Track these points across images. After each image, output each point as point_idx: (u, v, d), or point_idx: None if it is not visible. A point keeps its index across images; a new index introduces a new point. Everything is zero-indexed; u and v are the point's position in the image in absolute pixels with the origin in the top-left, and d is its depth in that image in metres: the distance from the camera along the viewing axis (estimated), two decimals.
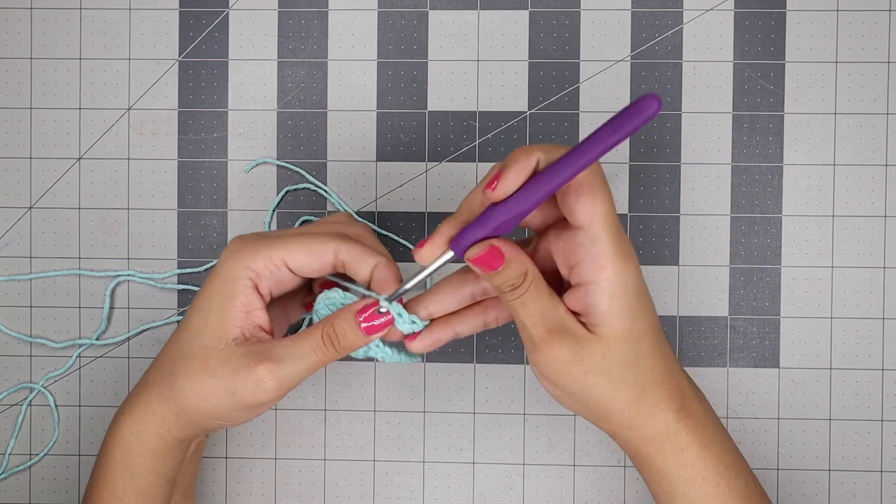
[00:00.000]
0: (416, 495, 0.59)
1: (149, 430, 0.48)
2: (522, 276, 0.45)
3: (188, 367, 0.47)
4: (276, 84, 0.60)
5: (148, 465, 0.49)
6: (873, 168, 0.58)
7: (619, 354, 0.45)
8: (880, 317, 0.58)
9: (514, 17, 0.59)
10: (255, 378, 0.46)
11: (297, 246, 0.47)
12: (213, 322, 0.47)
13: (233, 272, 0.47)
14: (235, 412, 0.47)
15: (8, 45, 0.60)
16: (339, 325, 0.47)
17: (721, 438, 0.48)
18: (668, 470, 0.47)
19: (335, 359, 0.47)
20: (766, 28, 0.59)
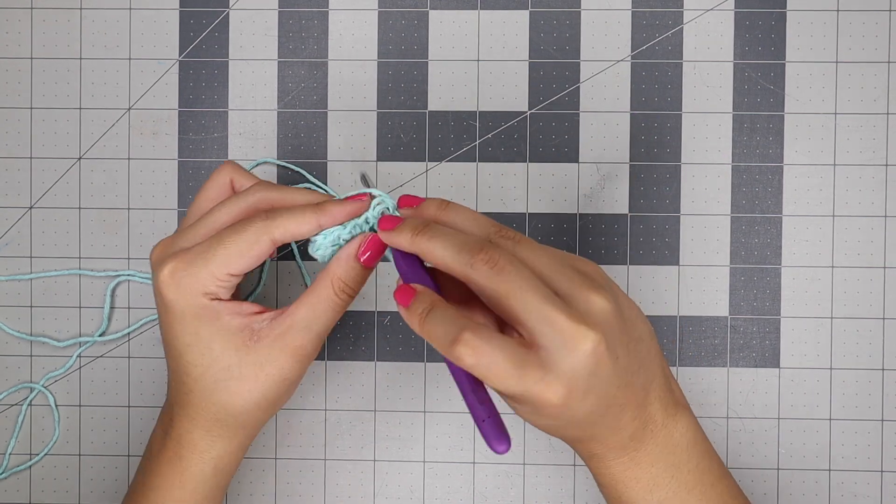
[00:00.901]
0: (416, 495, 0.59)
1: (219, 451, 0.49)
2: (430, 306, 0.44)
3: (230, 391, 0.47)
4: (276, 84, 0.60)
5: (221, 485, 0.50)
6: (873, 168, 0.58)
7: (566, 409, 0.42)
8: (880, 317, 0.58)
9: (515, 17, 0.59)
10: (294, 354, 0.47)
11: (234, 255, 0.46)
12: (219, 345, 0.47)
13: (193, 303, 0.46)
14: (291, 389, 0.49)
15: (8, 45, 0.60)
16: (344, 274, 0.47)
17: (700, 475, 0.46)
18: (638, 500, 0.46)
19: (353, 299, 0.48)
20: (766, 28, 0.59)
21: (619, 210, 0.59)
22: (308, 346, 0.47)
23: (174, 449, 0.49)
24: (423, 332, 0.43)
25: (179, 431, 0.49)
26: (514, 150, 0.59)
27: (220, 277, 0.46)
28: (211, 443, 0.49)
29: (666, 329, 0.59)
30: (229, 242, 0.46)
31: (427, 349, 0.59)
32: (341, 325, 0.59)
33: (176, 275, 0.46)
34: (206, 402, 0.48)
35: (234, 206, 0.48)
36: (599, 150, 0.59)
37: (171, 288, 0.46)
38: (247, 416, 0.48)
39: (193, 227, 0.48)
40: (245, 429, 0.49)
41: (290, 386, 0.49)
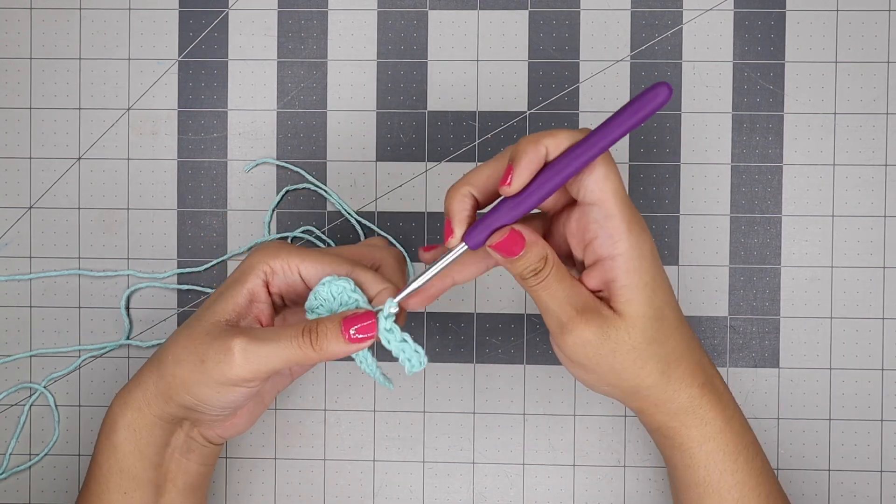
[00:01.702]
0: (416, 495, 0.59)
1: (131, 402, 0.49)
2: (543, 260, 0.46)
3: (178, 336, 0.48)
4: (275, 84, 0.60)
5: (129, 442, 0.49)
6: (873, 168, 0.58)
7: (641, 331, 0.45)
8: (880, 317, 0.58)
9: (514, 17, 0.59)
10: (225, 347, 0.46)
11: (314, 258, 0.48)
12: (218, 302, 0.48)
13: (250, 263, 0.48)
14: (205, 385, 0.47)
15: (8, 45, 0.60)
16: (322, 324, 0.46)
17: (741, 417, 0.50)
18: (690, 444, 0.48)
19: (312, 360, 0.46)
20: (765, 28, 0.59)
21: None
22: (239, 353, 0.46)
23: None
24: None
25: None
26: None
27: (290, 264, 0.48)
28: (131, 387, 0.49)
29: None
30: (319, 252, 0.48)
31: (427, 349, 0.59)
32: None
33: (270, 244, 0.49)
34: (168, 340, 0.49)
35: (358, 249, 0.51)
36: None
37: (257, 250, 0.49)
38: (164, 369, 0.48)
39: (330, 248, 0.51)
40: (158, 391, 0.48)
41: (204, 376, 0.46)
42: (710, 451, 0.48)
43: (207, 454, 0.52)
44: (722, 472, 0.48)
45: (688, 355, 0.48)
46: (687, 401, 0.48)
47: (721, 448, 0.48)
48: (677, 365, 0.47)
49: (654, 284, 0.46)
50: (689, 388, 0.48)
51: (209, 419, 0.50)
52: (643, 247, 0.45)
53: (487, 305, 0.59)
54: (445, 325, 0.59)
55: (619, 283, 0.45)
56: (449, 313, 0.59)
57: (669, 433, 0.48)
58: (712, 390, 0.48)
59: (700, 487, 0.49)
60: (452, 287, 0.49)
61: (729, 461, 0.48)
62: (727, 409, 0.49)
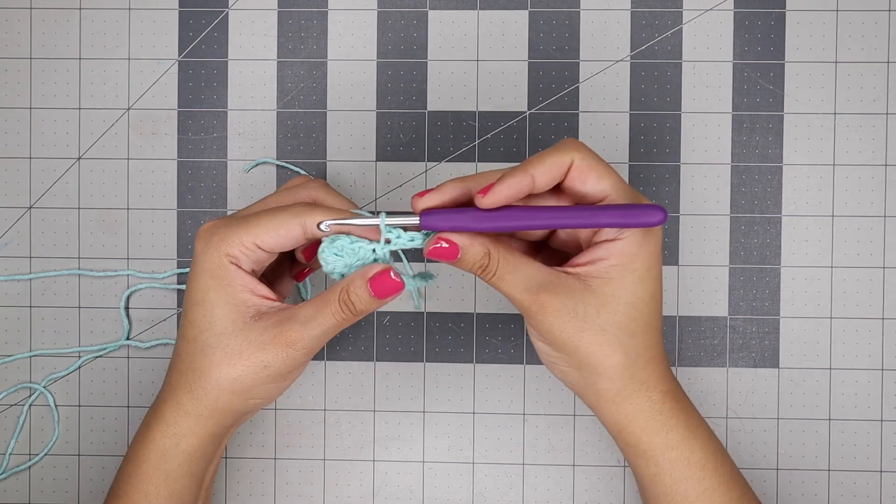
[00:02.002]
0: (416, 495, 0.59)
1: (184, 430, 0.49)
2: (486, 256, 0.46)
3: (211, 359, 0.48)
4: (275, 84, 0.60)
5: (183, 467, 0.49)
6: (873, 168, 0.58)
7: (613, 312, 0.45)
8: (880, 317, 0.58)
9: (514, 17, 0.59)
10: (284, 345, 0.47)
11: (264, 228, 0.47)
12: (221, 311, 0.48)
13: (214, 261, 0.48)
14: (270, 385, 0.48)
15: (8, 45, 0.60)
16: (353, 291, 0.47)
17: (706, 427, 0.49)
18: (654, 452, 0.48)
19: (355, 321, 0.48)
20: (765, 28, 0.59)
21: None
22: (298, 343, 0.47)
23: (147, 420, 0.50)
24: None
25: (158, 402, 0.50)
26: (514, 150, 0.59)
27: (246, 245, 0.47)
28: (178, 417, 0.49)
29: (665, 329, 0.59)
30: (264, 217, 0.48)
31: (427, 349, 0.59)
32: None
33: (210, 231, 0.48)
34: (188, 369, 0.48)
35: (284, 195, 0.51)
36: (599, 150, 0.59)
37: (201, 242, 0.48)
38: (218, 394, 0.48)
39: (245, 209, 0.51)
40: (214, 412, 0.48)
41: (269, 379, 0.48)
42: (674, 460, 0.47)
43: (225, 442, 0.53)
44: (688, 479, 0.48)
45: (656, 361, 0.47)
46: (647, 404, 0.47)
47: (686, 457, 0.47)
48: (644, 366, 0.47)
49: (644, 277, 0.45)
50: (650, 392, 0.47)
51: (259, 410, 0.51)
52: (650, 242, 0.45)
53: (487, 305, 0.59)
54: (445, 325, 0.59)
55: (608, 263, 0.45)
56: (449, 313, 0.59)
57: (632, 440, 0.48)
58: (675, 398, 0.48)
59: (668, 497, 0.48)
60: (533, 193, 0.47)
61: (695, 469, 0.48)
62: (691, 418, 0.48)
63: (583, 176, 0.45)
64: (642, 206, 0.44)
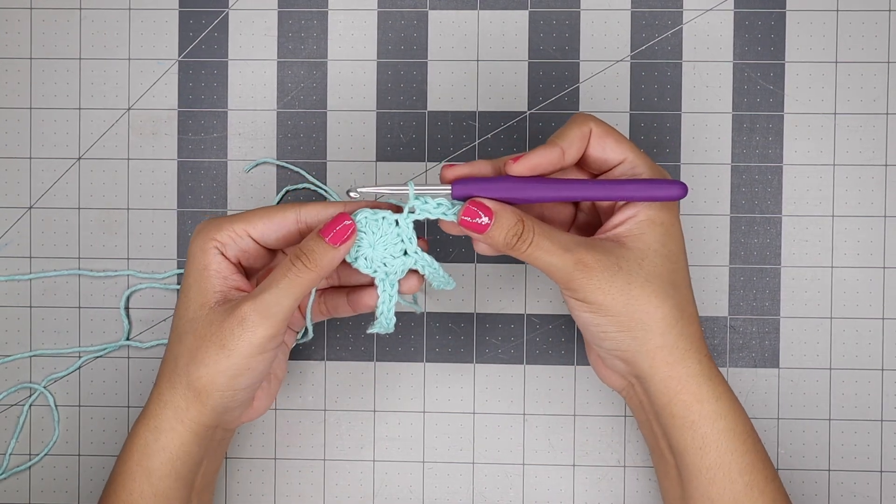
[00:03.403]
0: (416, 495, 0.59)
1: (164, 424, 0.48)
2: (520, 223, 0.45)
3: (185, 344, 0.48)
4: (275, 84, 0.60)
5: (166, 466, 0.48)
6: (873, 168, 0.58)
7: (653, 264, 0.46)
8: (880, 317, 0.58)
9: (514, 17, 0.59)
10: (237, 319, 0.46)
11: (257, 216, 0.48)
12: (193, 294, 0.48)
13: (199, 245, 0.48)
14: (236, 367, 0.47)
15: (8, 45, 0.60)
16: (305, 244, 0.46)
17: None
18: (703, 422, 0.47)
19: (314, 280, 0.46)
20: (766, 28, 0.59)
21: None
22: (252, 316, 0.46)
23: (137, 419, 0.50)
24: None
25: (148, 399, 0.50)
26: (514, 150, 0.59)
27: (237, 231, 0.48)
28: (158, 408, 0.48)
29: None
30: (259, 209, 0.49)
31: (427, 349, 0.59)
32: (341, 326, 0.59)
33: (206, 224, 0.49)
34: (169, 355, 0.49)
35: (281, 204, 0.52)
36: None
37: (196, 232, 0.49)
38: (188, 380, 0.47)
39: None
40: (189, 403, 0.47)
41: (233, 366, 0.46)
42: (722, 430, 0.47)
43: (225, 447, 0.53)
44: (733, 452, 0.47)
45: (697, 320, 0.48)
46: (698, 367, 0.47)
47: (732, 428, 0.47)
48: (690, 322, 0.47)
49: (671, 231, 0.47)
50: (699, 354, 0.47)
51: (238, 412, 0.50)
52: (671, 204, 0.47)
53: (487, 305, 0.59)
54: (445, 325, 0.59)
55: (636, 220, 0.46)
56: (449, 313, 0.59)
57: (680, 410, 0.47)
58: (715, 365, 0.48)
59: (711, 471, 0.47)
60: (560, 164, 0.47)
61: (739, 442, 0.47)
62: (730, 389, 0.48)
63: (602, 142, 0.47)
64: (664, 182, 0.46)
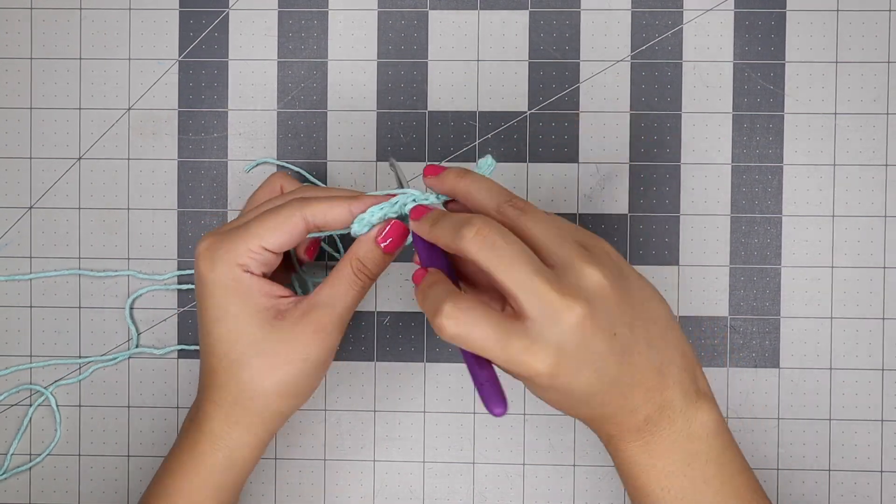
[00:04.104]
0: (416, 495, 0.59)
1: (236, 442, 0.49)
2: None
3: (251, 369, 0.48)
4: (276, 84, 0.60)
5: (234, 478, 0.51)
6: (873, 168, 0.58)
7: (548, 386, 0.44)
8: (880, 317, 0.58)
9: (514, 17, 0.59)
10: (317, 332, 0.48)
11: (268, 229, 0.48)
12: (246, 321, 0.48)
13: (227, 275, 0.48)
14: (313, 376, 0.49)
15: (8, 45, 0.60)
16: (364, 256, 0.48)
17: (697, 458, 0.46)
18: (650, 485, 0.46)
19: (372, 284, 0.49)
20: (766, 28, 0.59)
21: (619, 210, 0.59)
22: (329, 326, 0.48)
23: (193, 435, 0.50)
24: (421, 307, 0.44)
25: (200, 417, 0.50)
26: (514, 150, 0.59)
27: (254, 249, 0.48)
28: (227, 430, 0.49)
29: None
30: (264, 218, 0.48)
31: (427, 349, 0.59)
32: None
33: (212, 247, 0.48)
34: (228, 382, 0.48)
35: (278, 200, 0.50)
36: (599, 150, 0.59)
37: (205, 261, 0.48)
38: (265, 400, 0.48)
39: (237, 219, 0.51)
40: (263, 418, 0.49)
41: (312, 370, 0.48)
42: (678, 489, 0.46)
43: None
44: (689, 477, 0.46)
45: (619, 408, 0.44)
46: (642, 423, 0.45)
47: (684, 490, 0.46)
48: (603, 421, 0.45)
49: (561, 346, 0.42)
50: (648, 406, 0.45)
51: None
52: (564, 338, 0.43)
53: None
54: None
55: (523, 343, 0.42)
56: None
57: (628, 479, 0.47)
58: (653, 431, 0.45)
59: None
60: None
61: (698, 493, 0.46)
62: (653, 452, 0.45)
63: None
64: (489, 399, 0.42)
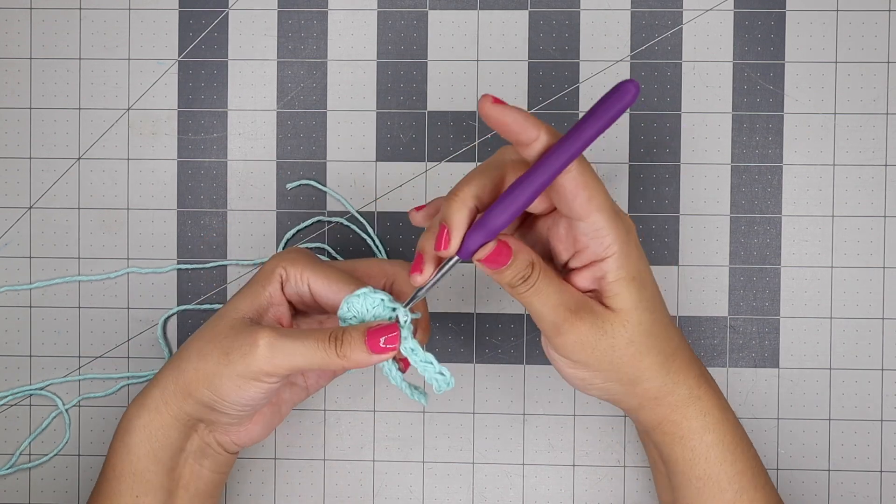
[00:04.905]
0: (416, 495, 0.59)
1: (148, 404, 0.49)
2: (531, 266, 0.46)
3: (201, 332, 0.49)
4: (276, 84, 0.60)
5: (144, 444, 0.49)
6: (873, 168, 0.58)
7: (636, 324, 0.46)
8: (880, 317, 0.58)
9: (514, 17, 0.59)
10: (251, 340, 0.47)
11: (322, 274, 0.49)
12: (240, 301, 0.49)
13: (271, 266, 0.50)
14: (227, 378, 0.47)
15: (8, 45, 0.60)
16: (348, 332, 0.47)
17: (733, 412, 0.50)
18: (691, 436, 0.49)
19: (334, 365, 0.46)
20: (765, 28, 0.59)
21: None
22: (263, 344, 0.46)
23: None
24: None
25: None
26: None
27: (302, 277, 0.50)
28: (150, 388, 0.50)
29: None
30: (329, 270, 0.49)
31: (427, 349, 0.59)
32: None
33: (292, 251, 0.51)
34: (187, 340, 0.50)
35: (373, 266, 0.52)
36: (599, 150, 0.59)
37: (280, 255, 0.50)
38: (185, 365, 0.48)
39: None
40: (177, 388, 0.49)
41: (230, 373, 0.47)
42: (710, 443, 0.49)
43: (222, 462, 0.52)
44: (722, 462, 0.49)
45: (683, 347, 0.49)
46: (686, 391, 0.48)
47: (721, 440, 0.49)
48: (674, 357, 0.48)
49: (641, 279, 0.47)
50: (687, 379, 0.49)
51: (226, 420, 0.50)
52: (630, 246, 0.46)
53: (487, 305, 0.59)
54: (445, 325, 0.59)
55: (608, 280, 0.46)
56: (449, 313, 0.59)
57: (670, 428, 0.49)
58: (707, 382, 0.49)
59: (700, 481, 0.49)
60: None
61: (728, 452, 0.49)
62: (722, 401, 0.50)
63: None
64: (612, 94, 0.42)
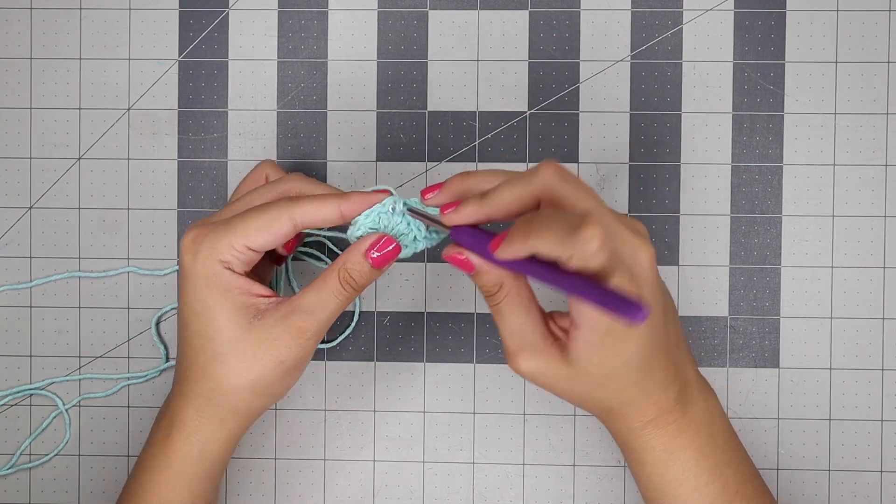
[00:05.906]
0: (416, 495, 0.59)
1: (208, 436, 0.49)
2: (497, 287, 0.46)
3: (226, 366, 0.48)
4: (276, 84, 0.60)
5: (206, 472, 0.50)
6: (873, 168, 0.58)
7: (586, 381, 0.45)
8: (880, 317, 0.58)
9: (514, 17, 0.59)
10: (295, 336, 0.48)
11: (253, 228, 0.47)
12: (224, 318, 0.48)
13: (208, 269, 0.48)
14: (286, 379, 0.49)
15: (8, 45, 0.60)
16: (351, 267, 0.48)
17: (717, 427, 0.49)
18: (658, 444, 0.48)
19: (357, 295, 0.49)
20: (766, 28, 0.59)
21: (619, 210, 0.59)
22: (308, 332, 0.48)
23: (165, 428, 0.50)
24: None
25: (173, 410, 0.50)
26: (514, 150, 0.59)
27: (237, 248, 0.47)
28: (199, 424, 0.49)
29: None
30: (251, 217, 0.47)
31: (427, 349, 0.59)
32: (341, 326, 0.59)
33: (196, 240, 0.48)
34: (202, 377, 0.48)
35: (265, 192, 0.50)
36: (599, 150, 0.59)
37: (189, 253, 0.48)
38: (238, 397, 0.49)
39: (224, 210, 0.51)
40: (236, 414, 0.49)
41: (286, 373, 0.49)
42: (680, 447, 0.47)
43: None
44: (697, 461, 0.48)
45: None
46: (667, 403, 0.47)
47: (691, 442, 0.47)
48: (656, 371, 0.46)
49: (611, 351, 0.44)
50: (667, 391, 0.47)
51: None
52: (625, 329, 0.44)
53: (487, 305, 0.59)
54: (445, 325, 0.59)
55: (580, 335, 0.44)
56: (449, 313, 0.59)
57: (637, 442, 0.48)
58: (692, 382, 0.48)
59: (676, 483, 0.48)
60: None
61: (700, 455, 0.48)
62: (704, 395, 0.48)
63: (558, 204, 0.44)
64: (623, 300, 0.39)
